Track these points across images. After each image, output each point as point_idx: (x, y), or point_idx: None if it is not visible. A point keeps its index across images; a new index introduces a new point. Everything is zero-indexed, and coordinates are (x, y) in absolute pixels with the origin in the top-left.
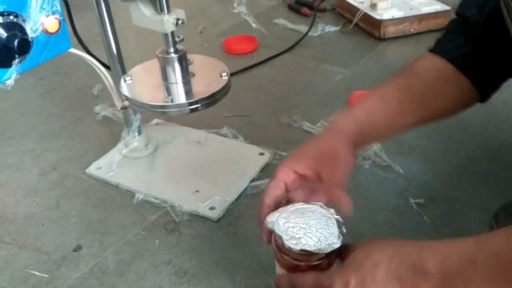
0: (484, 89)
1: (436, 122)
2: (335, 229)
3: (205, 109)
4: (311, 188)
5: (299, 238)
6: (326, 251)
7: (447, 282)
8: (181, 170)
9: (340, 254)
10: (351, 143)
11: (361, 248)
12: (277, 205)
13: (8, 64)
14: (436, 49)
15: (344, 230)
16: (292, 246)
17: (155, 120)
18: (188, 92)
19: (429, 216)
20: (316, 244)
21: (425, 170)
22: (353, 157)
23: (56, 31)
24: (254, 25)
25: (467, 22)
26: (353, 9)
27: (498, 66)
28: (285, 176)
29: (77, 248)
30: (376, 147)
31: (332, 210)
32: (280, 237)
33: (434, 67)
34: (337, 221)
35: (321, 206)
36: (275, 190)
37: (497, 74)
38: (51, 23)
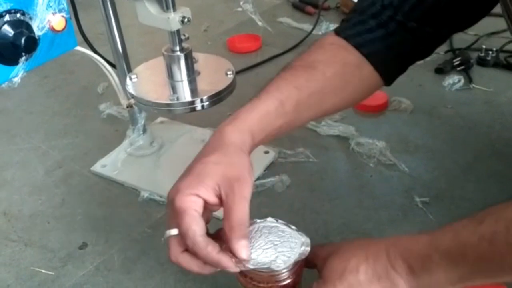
0: (390, 75)
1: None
2: (292, 232)
3: (211, 107)
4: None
5: (277, 257)
6: (306, 253)
7: (414, 274)
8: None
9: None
10: (248, 155)
11: (335, 256)
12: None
13: (15, 62)
14: (343, 32)
15: (294, 227)
16: (281, 268)
17: (160, 118)
18: (194, 90)
19: (435, 214)
20: (294, 252)
21: (431, 168)
22: (253, 170)
23: (63, 29)
24: (260, 23)
25: None
26: None
27: (411, 50)
28: (194, 205)
29: (83, 246)
30: (381, 145)
31: (269, 218)
32: (262, 269)
33: (336, 59)
34: (284, 224)
35: (255, 222)
36: (198, 225)
37: (407, 59)
38: (58, 21)
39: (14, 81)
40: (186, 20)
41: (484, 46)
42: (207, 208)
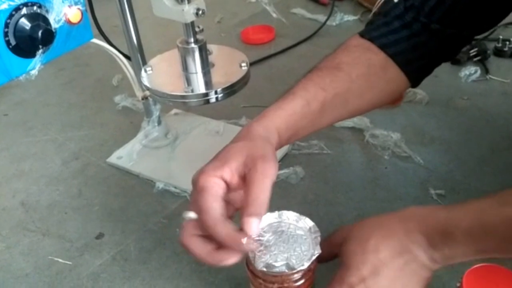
0: (416, 76)
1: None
2: (303, 229)
3: (225, 99)
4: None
5: (289, 258)
6: (318, 251)
7: (434, 247)
8: (200, 160)
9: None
10: (274, 148)
11: (352, 240)
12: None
13: (32, 55)
14: (367, 34)
15: (306, 220)
16: (294, 268)
17: (174, 110)
18: (208, 82)
19: None
20: (306, 251)
21: (446, 161)
22: (277, 161)
23: (79, 22)
24: (274, 15)
25: None
26: None
27: (436, 51)
28: (216, 186)
29: (100, 236)
30: (396, 137)
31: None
32: (274, 272)
33: (361, 61)
34: (295, 220)
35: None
36: (218, 204)
37: (432, 60)
38: (74, 14)
39: (31, 74)
40: (200, 12)
41: (501, 37)
42: (230, 201)
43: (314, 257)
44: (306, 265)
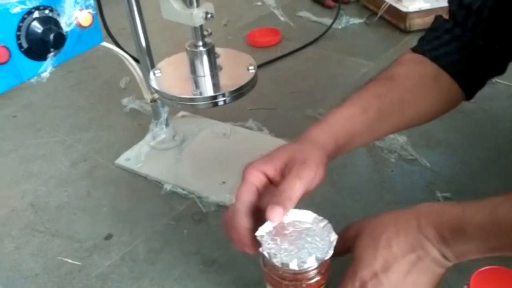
0: (469, 87)
1: (418, 126)
2: (318, 226)
3: (233, 102)
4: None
5: (304, 255)
6: (333, 250)
7: (446, 243)
8: (207, 162)
9: None
10: (326, 156)
11: (365, 235)
12: (251, 211)
13: (43, 58)
14: (419, 48)
15: (320, 218)
16: (309, 266)
17: (181, 113)
18: (216, 85)
19: None
20: (322, 249)
21: (453, 163)
22: (325, 171)
23: (89, 25)
24: (282, 18)
25: (467, 11)
26: (378, 1)
27: (486, 63)
28: (256, 179)
29: (108, 237)
30: (402, 140)
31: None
32: (289, 269)
33: (414, 72)
34: (312, 218)
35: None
36: (248, 195)
37: (483, 72)
38: (85, 17)
39: (43, 76)
40: (209, 16)
41: None
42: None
43: (328, 254)
44: (330, 253)
